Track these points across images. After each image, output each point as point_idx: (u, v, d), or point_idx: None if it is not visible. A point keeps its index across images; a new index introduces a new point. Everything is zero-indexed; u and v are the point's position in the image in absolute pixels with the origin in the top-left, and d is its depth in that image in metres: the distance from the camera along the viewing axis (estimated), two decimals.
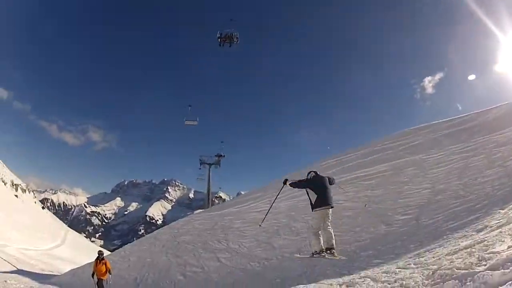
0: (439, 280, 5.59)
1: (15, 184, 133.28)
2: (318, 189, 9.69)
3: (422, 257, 8.82)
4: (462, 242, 8.81)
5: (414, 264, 7.91)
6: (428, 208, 15.82)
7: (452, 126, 27.30)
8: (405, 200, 17.79)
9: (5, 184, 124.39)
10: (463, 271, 5.43)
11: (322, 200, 9.69)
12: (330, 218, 9.67)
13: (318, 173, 10.41)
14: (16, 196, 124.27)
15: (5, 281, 19.06)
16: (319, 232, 9.83)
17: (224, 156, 47.67)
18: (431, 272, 6.24)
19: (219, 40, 28.87)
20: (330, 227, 9.65)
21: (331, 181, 10.22)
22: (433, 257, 8.06)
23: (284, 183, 10.63)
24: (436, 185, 18.24)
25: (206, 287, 15.85)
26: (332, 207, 9.64)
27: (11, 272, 29.64)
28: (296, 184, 10.33)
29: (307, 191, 10.03)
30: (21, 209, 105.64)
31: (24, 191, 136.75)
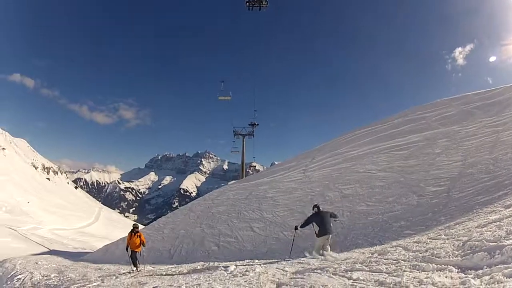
0: (469, 251, 5.89)
1: (46, 168, 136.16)
2: (320, 222, 11.38)
3: (453, 229, 9.21)
4: (491, 216, 9.16)
5: (444, 235, 8.37)
6: (459, 181, 16.00)
7: (483, 99, 26.55)
8: (437, 172, 17.96)
9: (36, 168, 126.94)
10: (492, 243, 5.73)
11: (323, 230, 11.27)
12: (329, 241, 11.40)
13: (320, 208, 12.12)
14: (48, 179, 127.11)
15: (36, 263, 18.13)
16: (320, 251, 11.36)
17: (257, 124, 46.78)
18: (461, 243, 6.56)
19: (247, 4, 27.98)
20: (328, 247, 11.27)
21: (332, 215, 11.93)
22: (463, 229, 8.45)
23: (296, 228, 12.45)
24: (468, 158, 18.31)
25: (240, 256, 15.62)
26: (330, 234, 11.37)
27: (43, 253, 29.12)
28: (305, 223, 11.94)
29: (312, 224, 11.62)
30: (53, 191, 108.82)
31: (56, 173, 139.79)
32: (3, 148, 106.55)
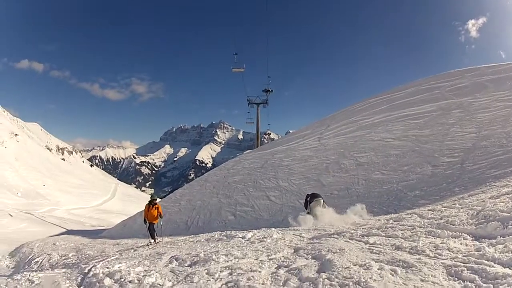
0: (483, 220, 6.18)
1: (61, 149, 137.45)
2: (312, 197, 13.91)
3: (466, 199, 9.56)
4: (503, 189, 9.45)
5: (459, 205, 8.69)
6: (473, 153, 16.21)
7: (497, 72, 26.12)
8: (451, 143, 18.16)
9: (50, 150, 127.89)
10: (506, 214, 6.01)
11: (312, 198, 13.78)
12: (321, 205, 13.50)
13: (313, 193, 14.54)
14: (63, 159, 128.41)
15: (54, 244, 18.32)
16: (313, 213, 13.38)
17: (272, 91, 46.25)
18: (475, 213, 6.85)
19: None
20: (318, 212, 13.17)
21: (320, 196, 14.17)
22: (477, 200, 8.76)
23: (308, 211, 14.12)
24: (481, 131, 18.39)
25: (256, 225, 15.89)
26: (320, 198, 13.74)
27: (61, 234, 28.85)
28: (305, 204, 14.22)
29: (309, 202, 13.83)
30: (68, 171, 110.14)
31: (70, 153, 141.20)
32: (16, 134, 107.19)
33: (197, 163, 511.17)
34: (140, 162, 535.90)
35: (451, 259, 4.77)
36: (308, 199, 14.15)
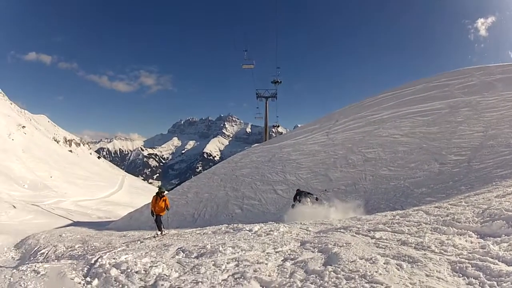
0: (488, 218, 6.23)
1: (68, 140, 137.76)
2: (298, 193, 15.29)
3: (472, 197, 9.58)
4: (509, 188, 9.46)
5: (465, 203, 8.72)
6: (480, 152, 16.17)
7: (504, 72, 25.82)
8: (459, 141, 18.11)
9: (57, 142, 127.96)
10: (511, 213, 6.04)
11: (300, 196, 14.93)
12: (306, 198, 14.70)
13: (300, 189, 15.93)
14: (71, 151, 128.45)
15: (60, 235, 18.23)
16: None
17: (281, 82, 45.64)
18: (481, 211, 6.90)
19: None
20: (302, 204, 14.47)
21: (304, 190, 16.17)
22: (483, 199, 8.79)
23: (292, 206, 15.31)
24: (489, 130, 18.32)
25: (263, 218, 15.93)
26: (304, 193, 15.15)
27: (67, 225, 28.40)
28: (295, 198, 15.36)
29: (297, 197, 15.05)
30: (76, 163, 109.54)
31: (78, 145, 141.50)
32: (23, 126, 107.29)
33: (205, 156, 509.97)
34: (148, 154, 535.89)
35: (456, 255, 4.86)
36: (298, 197, 15.14)
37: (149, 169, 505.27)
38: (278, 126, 52.18)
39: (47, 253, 13.48)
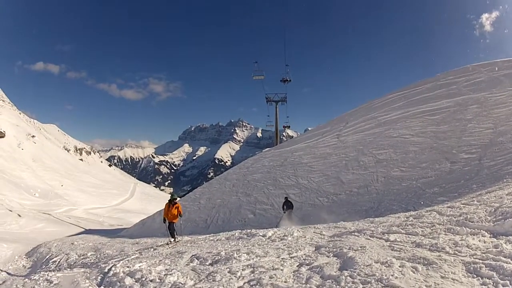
0: (500, 217, 6.26)
1: (79, 149, 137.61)
2: (287, 205, 17.65)
3: (484, 196, 9.57)
4: None
5: (477, 201, 8.73)
6: (490, 149, 16.15)
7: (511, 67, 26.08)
8: (469, 139, 18.08)
9: (68, 151, 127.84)
10: None
11: (288, 208, 17.45)
12: (291, 214, 17.02)
13: (288, 198, 18.04)
14: (81, 160, 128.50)
15: (72, 243, 18.56)
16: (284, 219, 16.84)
17: (290, 80, 45.19)
18: (493, 209, 6.94)
19: None
20: (290, 219, 16.29)
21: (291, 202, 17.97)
22: (495, 197, 8.80)
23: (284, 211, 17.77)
24: (498, 126, 18.29)
25: (276, 223, 16.12)
26: (291, 209, 17.40)
27: (79, 233, 28.67)
28: (282, 208, 17.75)
29: (284, 207, 17.70)
30: (87, 171, 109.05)
31: (88, 153, 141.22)
32: (33, 136, 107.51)
33: (216, 161, 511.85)
34: (159, 161, 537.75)
35: (470, 256, 4.89)
36: (285, 206, 17.62)
37: (161, 176, 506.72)
38: (289, 126, 51.84)
39: (59, 261, 13.63)
